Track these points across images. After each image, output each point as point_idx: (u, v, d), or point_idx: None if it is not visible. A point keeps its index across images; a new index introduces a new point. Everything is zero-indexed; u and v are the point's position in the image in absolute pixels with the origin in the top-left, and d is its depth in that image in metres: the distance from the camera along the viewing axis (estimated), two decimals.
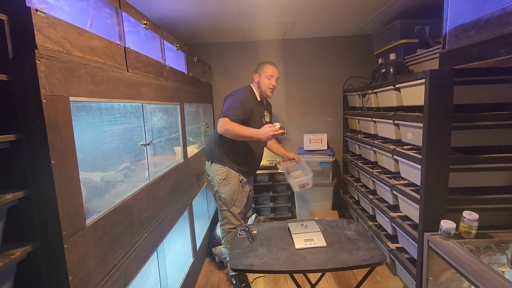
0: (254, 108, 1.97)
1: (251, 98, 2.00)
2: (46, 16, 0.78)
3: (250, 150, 2.05)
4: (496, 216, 1.61)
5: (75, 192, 0.87)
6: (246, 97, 1.97)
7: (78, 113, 0.97)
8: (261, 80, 2.02)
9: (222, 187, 2.00)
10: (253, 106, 1.97)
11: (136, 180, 1.39)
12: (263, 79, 2.01)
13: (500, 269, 1.31)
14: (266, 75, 2.00)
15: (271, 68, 2.02)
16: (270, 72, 2.00)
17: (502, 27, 1.07)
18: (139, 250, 1.25)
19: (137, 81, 1.30)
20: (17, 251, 0.74)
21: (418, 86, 1.58)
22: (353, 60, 3.16)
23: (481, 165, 1.56)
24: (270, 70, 2.01)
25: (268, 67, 2.02)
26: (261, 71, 2.02)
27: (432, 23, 2.15)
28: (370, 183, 2.40)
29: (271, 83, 2.00)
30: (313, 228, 1.42)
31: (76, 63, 0.88)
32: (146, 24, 1.45)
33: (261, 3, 2.08)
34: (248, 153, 2.04)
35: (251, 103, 1.98)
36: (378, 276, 2.14)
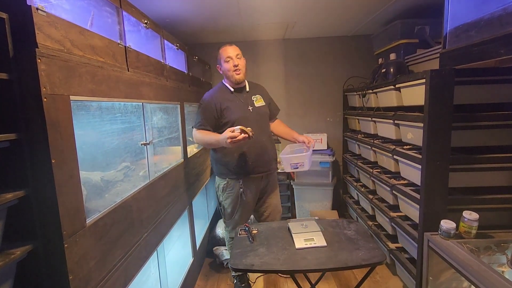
0: (224, 102, 1.80)
1: (217, 94, 1.84)
2: (47, 15, 0.78)
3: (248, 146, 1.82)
4: (496, 216, 1.61)
5: (75, 192, 0.87)
6: (210, 96, 1.83)
7: (78, 112, 0.97)
8: (222, 68, 1.83)
9: (224, 199, 1.93)
10: (222, 101, 1.80)
11: (136, 180, 1.39)
12: (223, 66, 1.81)
13: (500, 269, 1.31)
14: (223, 60, 1.79)
15: (225, 50, 1.79)
16: (225, 54, 1.78)
17: (503, 27, 1.07)
18: (139, 250, 1.25)
19: (137, 80, 1.30)
20: (17, 251, 0.73)
21: (418, 86, 1.58)
22: (353, 60, 3.16)
23: (481, 165, 1.56)
24: (224, 52, 1.79)
25: (222, 51, 1.81)
26: (219, 60, 1.83)
27: (432, 23, 2.15)
28: (370, 183, 2.40)
29: (231, 64, 1.76)
30: (313, 228, 1.42)
31: (76, 62, 0.88)
32: (146, 23, 1.44)
33: (262, 3, 2.08)
34: (244, 149, 1.82)
35: (218, 99, 1.80)
36: (378, 276, 2.14)
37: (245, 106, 1.83)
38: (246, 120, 1.77)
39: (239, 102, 1.83)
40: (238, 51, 1.80)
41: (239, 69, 1.78)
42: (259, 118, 1.85)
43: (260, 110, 1.88)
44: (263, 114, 1.89)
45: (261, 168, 1.86)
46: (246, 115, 1.80)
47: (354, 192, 2.85)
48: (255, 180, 1.88)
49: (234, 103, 1.81)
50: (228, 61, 1.77)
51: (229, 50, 1.78)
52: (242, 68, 1.80)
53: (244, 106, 1.82)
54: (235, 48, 1.81)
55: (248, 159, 1.82)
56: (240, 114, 1.79)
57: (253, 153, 1.82)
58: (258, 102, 1.89)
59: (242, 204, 1.88)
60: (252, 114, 1.83)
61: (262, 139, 1.84)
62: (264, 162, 1.86)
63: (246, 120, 1.76)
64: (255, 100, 1.88)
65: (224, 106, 1.79)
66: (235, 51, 1.79)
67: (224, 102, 1.80)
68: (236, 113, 1.79)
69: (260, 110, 1.88)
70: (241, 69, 1.79)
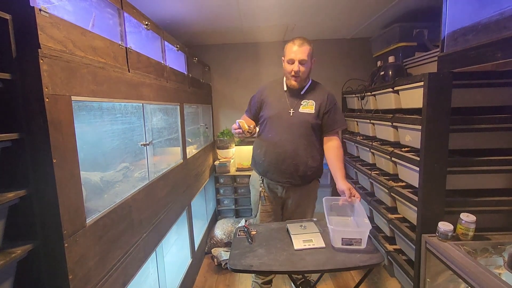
0: (270, 96, 1.71)
1: (270, 86, 1.76)
2: (50, 16, 0.78)
3: (273, 148, 1.67)
4: (493, 218, 1.62)
5: (76, 191, 0.87)
6: (263, 86, 1.78)
7: (79, 112, 0.97)
8: (283, 66, 1.66)
9: (251, 189, 1.87)
10: (269, 94, 1.72)
11: (135, 180, 1.39)
12: (284, 65, 1.65)
13: (496, 271, 1.32)
14: (286, 59, 1.63)
15: (290, 48, 1.58)
16: (289, 53, 1.59)
17: (500, 32, 1.09)
18: (138, 250, 1.25)
19: (138, 81, 1.31)
20: (18, 250, 0.74)
21: (416, 88, 1.60)
22: (352, 63, 3.18)
23: (479, 167, 1.58)
24: (289, 51, 1.59)
25: (287, 47, 1.61)
26: (284, 52, 1.64)
27: (430, 27, 2.17)
28: (368, 184, 2.41)
29: (292, 69, 1.58)
30: (312, 229, 1.42)
31: (78, 63, 0.89)
32: (147, 24, 1.45)
33: (262, 5, 2.09)
34: (265, 150, 1.69)
35: (266, 91, 1.73)
36: (376, 277, 2.15)
37: (287, 108, 1.67)
38: (280, 121, 1.66)
39: (284, 101, 1.68)
40: (304, 56, 1.57)
41: (298, 76, 1.60)
42: (296, 124, 1.65)
43: (302, 117, 1.65)
44: (303, 122, 1.65)
45: (277, 177, 1.70)
46: (283, 117, 1.65)
47: None
48: (273, 186, 1.75)
49: (278, 100, 1.69)
50: (291, 64, 1.60)
51: (295, 51, 1.57)
52: (302, 75, 1.61)
53: (285, 108, 1.67)
54: (302, 51, 1.56)
55: (265, 160, 1.71)
56: (274, 113, 1.67)
57: (269, 157, 1.69)
58: (306, 108, 1.66)
59: (262, 204, 1.79)
60: (290, 118, 1.66)
61: (286, 147, 1.65)
62: (281, 172, 1.67)
63: (279, 122, 1.66)
64: (304, 105, 1.67)
65: (267, 100, 1.71)
66: (301, 55, 1.56)
67: (270, 96, 1.71)
68: (271, 111, 1.68)
69: (302, 116, 1.65)
70: (301, 76, 1.61)
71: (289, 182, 1.70)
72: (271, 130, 1.69)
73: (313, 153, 1.69)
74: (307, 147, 1.67)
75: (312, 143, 1.69)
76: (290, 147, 1.65)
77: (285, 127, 1.65)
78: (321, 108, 1.67)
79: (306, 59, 1.58)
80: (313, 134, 1.68)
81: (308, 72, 1.65)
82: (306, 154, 1.66)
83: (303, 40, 1.58)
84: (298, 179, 1.69)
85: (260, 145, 1.74)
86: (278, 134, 1.66)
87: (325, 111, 1.68)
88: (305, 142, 1.66)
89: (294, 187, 1.73)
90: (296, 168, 1.66)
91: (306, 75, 1.65)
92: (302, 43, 1.57)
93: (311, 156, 1.68)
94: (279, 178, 1.70)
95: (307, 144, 1.67)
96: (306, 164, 1.67)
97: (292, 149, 1.65)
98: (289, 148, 1.65)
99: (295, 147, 1.65)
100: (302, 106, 1.67)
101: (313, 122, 1.66)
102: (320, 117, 1.68)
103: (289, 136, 1.64)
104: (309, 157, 1.67)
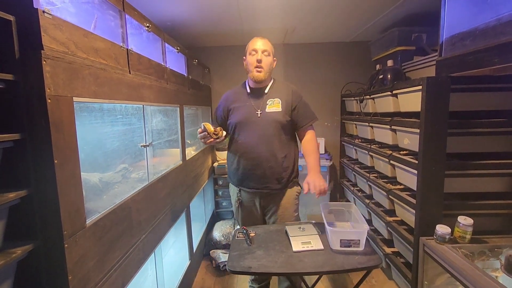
0: (234, 103, 1.67)
1: (232, 94, 1.72)
2: (53, 18, 0.79)
3: (246, 154, 1.61)
4: (490, 222, 1.63)
5: (76, 192, 0.88)
6: (224, 96, 1.75)
7: (81, 113, 0.98)
8: (246, 61, 1.63)
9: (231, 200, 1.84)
10: (232, 102, 1.68)
11: (135, 181, 1.40)
12: (247, 59, 1.61)
13: (493, 274, 1.33)
14: (248, 52, 1.60)
15: (253, 41, 1.59)
16: (251, 46, 1.58)
17: (497, 37, 1.10)
18: (137, 251, 1.25)
19: (138, 82, 1.31)
20: (18, 250, 0.74)
21: (415, 92, 1.61)
22: (351, 66, 3.20)
23: (476, 171, 1.59)
24: (252, 44, 1.59)
25: (250, 42, 1.61)
26: (246, 51, 1.63)
27: (429, 31, 2.19)
28: (367, 187, 2.42)
29: (255, 59, 1.56)
30: (311, 231, 1.43)
31: (80, 64, 0.89)
32: (148, 26, 1.46)
33: (262, 8, 2.11)
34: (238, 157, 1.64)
35: (229, 100, 1.70)
36: (374, 280, 2.15)
37: (254, 110, 1.61)
38: (248, 125, 1.60)
39: (249, 105, 1.63)
40: (267, 48, 1.59)
41: (261, 66, 1.56)
42: (265, 125, 1.59)
43: (269, 116, 1.59)
44: (271, 121, 1.59)
45: (252, 184, 1.63)
46: (251, 120, 1.60)
47: (351, 196, 2.87)
48: (250, 194, 1.68)
49: (243, 105, 1.64)
50: (252, 55, 1.58)
51: (257, 43, 1.58)
52: (265, 66, 1.58)
53: (252, 110, 1.61)
54: (265, 43, 1.59)
55: (239, 169, 1.65)
56: (242, 117, 1.62)
57: (243, 164, 1.62)
58: (272, 107, 1.60)
59: (241, 215, 1.75)
60: (258, 120, 1.59)
61: (258, 150, 1.58)
62: (256, 178, 1.61)
63: (248, 126, 1.61)
64: (270, 104, 1.61)
65: (231, 107, 1.67)
66: (263, 46, 1.58)
67: (234, 103, 1.67)
68: (238, 116, 1.63)
69: (270, 116, 1.59)
70: (264, 67, 1.57)
71: (267, 187, 1.63)
72: (241, 136, 1.63)
73: (287, 152, 1.63)
74: (280, 146, 1.61)
75: (284, 142, 1.63)
76: (264, 149, 1.58)
77: (255, 130, 1.59)
78: (287, 104, 1.62)
79: (268, 50, 1.60)
80: (283, 133, 1.62)
81: (270, 66, 1.62)
82: (279, 154, 1.60)
83: (264, 37, 1.63)
84: (276, 182, 1.62)
85: (232, 154, 1.68)
86: (249, 138, 1.60)
87: (292, 108, 1.63)
88: (277, 141, 1.60)
89: (272, 195, 1.66)
90: (272, 171, 1.60)
91: (269, 69, 1.61)
92: (264, 38, 1.62)
93: (285, 156, 1.62)
94: (257, 185, 1.63)
95: (280, 144, 1.61)
96: (281, 165, 1.61)
97: (266, 151, 1.58)
98: (263, 150, 1.58)
99: (269, 149, 1.58)
100: (268, 106, 1.61)
101: (282, 120, 1.59)
102: (289, 114, 1.62)
103: (261, 139, 1.58)
104: (283, 157, 1.62)
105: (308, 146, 1.65)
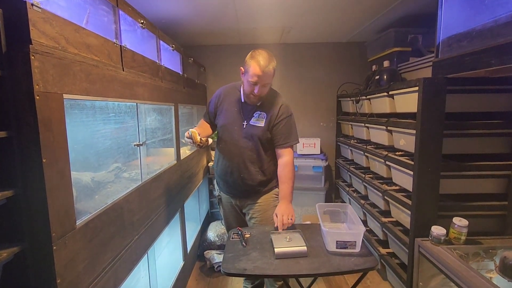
0: (226, 103, 1.63)
1: (228, 92, 1.66)
2: (42, 11, 0.76)
3: (222, 158, 1.65)
4: (485, 223, 1.64)
5: (66, 192, 0.85)
6: (221, 90, 1.70)
7: (71, 111, 0.95)
8: (244, 80, 1.54)
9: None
10: (225, 100, 1.64)
11: (127, 181, 1.37)
12: (245, 81, 1.52)
13: (488, 275, 1.33)
14: (249, 77, 1.47)
15: (254, 70, 1.43)
16: (254, 73, 1.44)
17: (494, 38, 1.10)
18: (129, 253, 1.22)
19: (132, 80, 1.28)
20: (4, 252, 0.71)
21: (411, 93, 1.61)
22: (347, 66, 3.21)
23: (471, 172, 1.60)
24: (254, 71, 1.44)
25: (253, 67, 1.44)
26: (246, 68, 1.49)
27: (425, 33, 2.20)
28: (362, 188, 2.42)
29: (253, 90, 1.48)
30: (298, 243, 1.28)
31: (71, 60, 0.86)
32: (143, 23, 1.43)
33: (258, 7, 2.09)
34: (221, 161, 1.67)
35: (224, 97, 1.65)
36: (369, 281, 2.15)
37: (241, 120, 1.59)
38: (230, 132, 1.59)
39: (239, 112, 1.60)
40: (269, 80, 1.49)
41: (258, 97, 1.52)
42: (245, 137, 1.57)
43: (251, 130, 1.57)
44: (251, 135, 1.56)
45: (227, 189, 1.68)
46: (234, 128, 1.58)
47: (346, 197, 2.87)
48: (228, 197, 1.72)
49: (233, 109, 1.61)
50: (253, 83, 1.47)
51: (262, 76, 1.44)
52: (262, 95, 1.53)
53: (238, 119, 1.59)
54: (269, 76, 1.47)
55: (218, 170, 1.70)
56: (227, 122, 1.60)
57: (220, 167, 1.67)
58: (257, 120, 1.58)
59: (223, 211, 1.79)
60: (242, 130, 1.58)
61: (233, 159, 1.59)
62: (229, 184, 1.65)
63: (230, 133, 1.59)
64: (256, 117, 1.58)
65: (222, 107, 1.64)
66: (266, 80, 1.47)
67: (225, 103, 1.63)
68: (224, 120, 1.61)
69: (252, 130, 1.57)
70: (261, 98, 1.55)
71: (237, 195, 1.66)
72: (222, 140, 1.64)
73: (263, 167, 1.61)
74: (256, 160, 1.59)
75: (262, 156, 1.60)
76: (237, 160, 1.58)
77: (234, 139, 1.58)
78: (271, 121, 1.57)
79: (269, 82, 1.52)
80: (261, 147, 1.58)
81: (266, 92, 1.56)
82: (254, 168, 1.59)
83: (268, 61, 1.45)
84: (246, 193, 1.63)
85: (217, 153, 1.71)
86: (227, 145, 1.60)
87: (273, 124, 1.57)
88: (253, 155, 1.58)
89: (247, 197, 1.65)
90: (243, 182, 1.59)
91: (264, 95, 1.56)
92: (267, 65, 1.44)
93: (260, 170, 1.60)
94: (229, 190, 1.67)
95: (256, 158, 1.59)
96: (255, 178, 1.60)
97: (238, 162, 1.58)
98: (236, 160, 1.58)
99: (242, 160, 1.58)
100: (254, 118, 1.58)
101: (260, 136, 1.56)
102: (270, 130, 1.58)
103: (237, 149, 1.58)
104: (258, 171, 1.60)
105: (282, 171, 1.58)
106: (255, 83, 1.47)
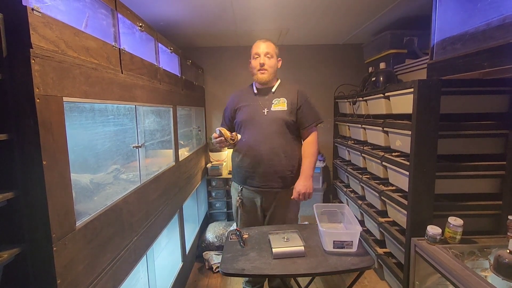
0: (241, 102, 1.73)
1: (239, 94, 1.78)
2: (42, 16, 0.77)
3: (247, 152, 1.65)
4: (479, 222, 1.66)
5: (66, 194, 0.86)
6: (232, 96, 1.81)
7: (71, 113, 0.96)
8: (251, 64, 1.69)
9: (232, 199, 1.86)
10: (239, 101, 1.74)
11: (126, 183, 1.37)
12: (252, 62, 1.68)
13: (483, 274, 1.35)
14: (252, 56, 1.67)
15: (256, 45, 1.65)
16: (254, 50, 1.65)
17: (487, 41, 1.13)
18: (128, 254, 1.23)
19: (131, 82, 1.29)
20: (4, 254, 0.72)
21: (406, 95, 1.63)
22: (344, 68, 3.23)
23: (466, 172, 1.62)
24: (254, 48, 1.66)
25: (253, 46, 1.68)
26: (250, 52, 1.69)
27: (420, 35, 2.22)
28: (359, 188, 2.44)
29: (258, 62, 1.62)
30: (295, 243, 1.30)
31: (70, 63, 0.87)
32: (141, 26, 1.44)
33: (256, 9, 2.11)
34: (242, 156, 1.68)
35: (236, 99, 1.76)
36: (366, 280, 2.17)
37: (260, 109, 1.65)
38: (253, 123, 1.65)
39: (256, 104, 1.67)
40: (270, 49, 1.63)
41: (265, 69, 1.62)
42: (270, 123, 1.63)
43: (274, 115, 1.63)
44: (276, 120, 1.62)
45: (254, 182, 1.66)
46: (256, 118, 1.64)
47: (344, 197, 2.89)
48: (252, 194, 1.70)
49: (250, 104, 1.68)
50: (256, 58, 1.64)
51: (260, 47, 1.63)
52: (269, 68, 1.63)
53: (258, 109, 1.66)
54: (268, 45, 1.64)
55: (242, 167, 1.68)
56: (248, 116, 1.66)
57: (246, 162, 1.65)
58: (277, 106, 1.64)
59: (241, 215, 1.77)
60: (264, 118, 1.64)
61: (260, 148, 1.61)
62: (258, 176, 1.63)
63: (252, 124, 1.65)
64: (276, 103, 1.65)
65: (238, 106, 1.72)
66: (265, 49, 1.62)
67: (240, 102, 1.72)
68: (244, 115, 1.67)
69: (275, 114, 1.63)
70: (268, 69, 1.63)
71: (268, 185, 1.65)
72: (245, 134, 1.67)
73: (290, 151, 1.65)
74: (284, 145, 1.63)
75: (289, 141, 1.65)
76: (266, 147, 1.61)
77: (259, 128, 1.63)
78: (292, 104, 1.65)
79: (271, 52, 1.64)
80: (288, 131, 1.65)
81: (274, 67, 1.67)
82: (283, 153, 1.63)
83: (267, 39, 1.67)
84: (278, 180, 1.64)
85: (237, 153, 1.71)
86: (253, 136, 1.63)
87: (297, 108, 1.67)
88: (281, 140, 1.63)
89: (274, 194, 1.67)
90: (274, 169, 1.62)
91: (273, 70, 1.66)
92: (266, 40, 1.66)
93: (289, 155, 1.64)
94: (258, 183, 1.65)
95: (284, 142, 1.63)
96: (284, 163, 1.63)
97: (267, 149, 1.61)
98: (265, 148, 1.61)
99: (271, 147, 1.61)
100: (274, 105, 1.65)
101: (286, 119, 1.63)
102: (294, 114, 1.65)
103: (264, 137, 1.61)
104: (287, 156, 1.64)
105: (306, 148, 1.68)
106: (257, 54, 1.64)
